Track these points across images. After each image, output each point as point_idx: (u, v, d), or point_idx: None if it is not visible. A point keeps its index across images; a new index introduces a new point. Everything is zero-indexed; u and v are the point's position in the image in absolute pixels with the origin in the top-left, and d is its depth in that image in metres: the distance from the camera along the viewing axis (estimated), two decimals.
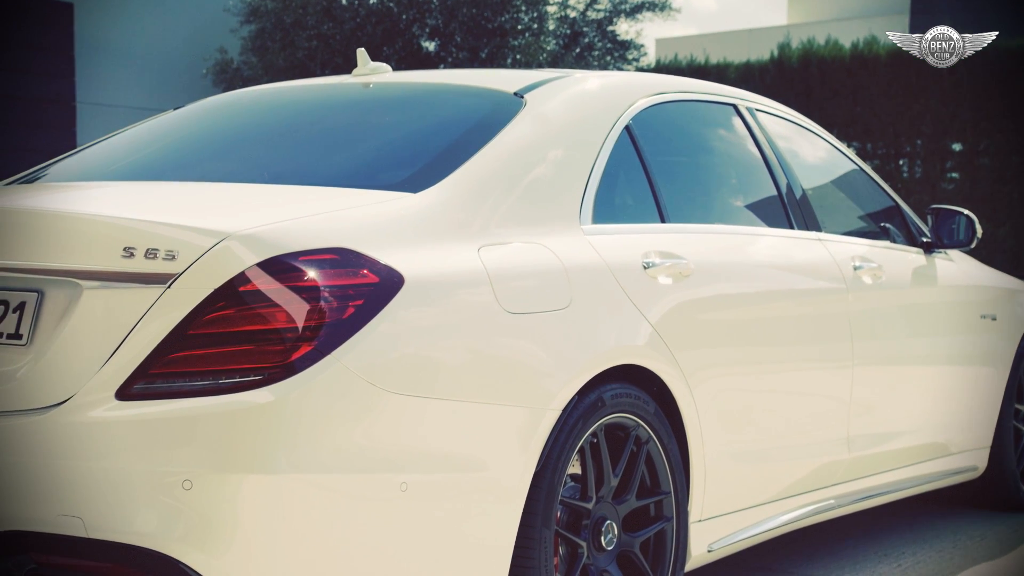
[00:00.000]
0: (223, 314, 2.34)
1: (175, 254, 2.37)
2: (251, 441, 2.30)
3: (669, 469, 3.05)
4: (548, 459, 2.69)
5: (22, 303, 2.50)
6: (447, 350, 2.55)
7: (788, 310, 3.61)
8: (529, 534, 2.65)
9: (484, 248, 2.71)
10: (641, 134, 3.34)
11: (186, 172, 3.18)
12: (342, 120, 3.38)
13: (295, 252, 2.39)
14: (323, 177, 2.95)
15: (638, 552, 2.99)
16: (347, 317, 2.39)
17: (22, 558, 2.36)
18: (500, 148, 2.95)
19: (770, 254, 3.68)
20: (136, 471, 2.30)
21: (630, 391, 2.92)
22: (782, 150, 3.95)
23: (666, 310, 3.08)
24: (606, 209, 3.13)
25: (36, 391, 2.41)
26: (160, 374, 2.35)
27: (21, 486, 2.37)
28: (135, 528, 2.29)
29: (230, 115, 3.59)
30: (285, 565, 2.33)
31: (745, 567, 3.89)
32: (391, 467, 2.42)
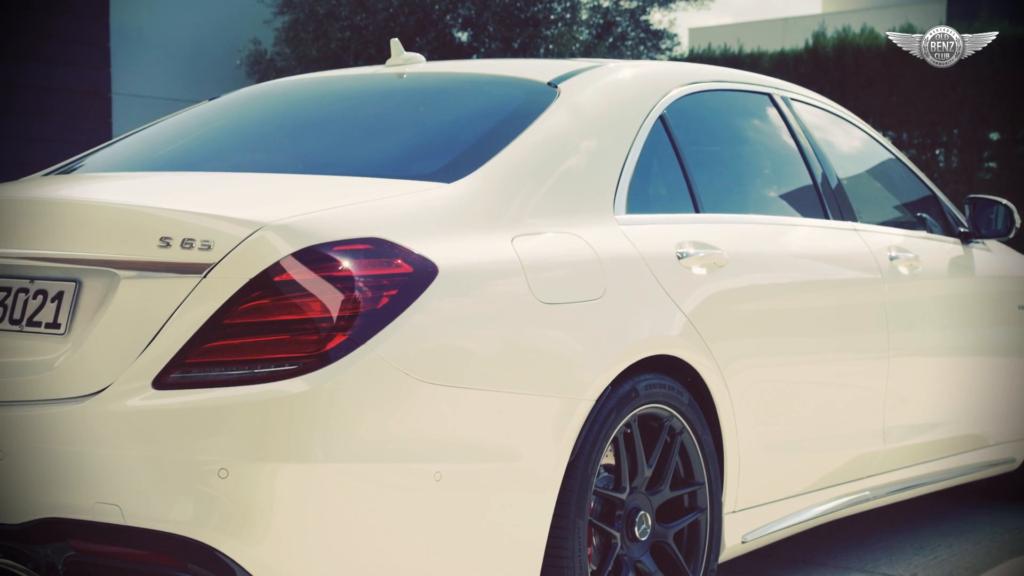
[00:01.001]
0: (258, 304, 2.35)
1: (211, 244, 2.38)
2: (286, 430, 2.31)
3: (703, 460, 3.04)
4: (582, 449, 2.68)
5: (60, 292, 2.52)
6: (481, 340, 2.55)
7: (823, 300, 3.59)
8: (563, 524, 2.65)
9: (518, 238, 2.71)
10: (675, 124, 3.33)
11: (221, 162, 3.20)
12: (376, 110, 3.39)
13: (330, 242, 2.40)
14: (357, 167, 2.96)
15: (672, 543, 2.98)
16: (381, 307, 2.40)
17: (61, 545, 2.38)
18: (534, 138, 2.94)
19: (805, 244, 3.66)
20: (173, 459, 2.32)
21: (664, 382, 2.92)
22: (817, 139, 3.92)
23: (700, 300, 3.07)
24: (640, 199, 3.12)
25: (74, 380, 2.44)
26: (196, 363, 2.36)
27: (60, 474, 2.39)
28: (172, 516, 2.31)
29: (265, 106, 3.61)
30: (320, 553, 2.34)
31: (779, 559, 3.87)
32: (425, 457, 2.43)
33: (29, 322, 2.54)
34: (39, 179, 3.33)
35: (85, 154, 3.51)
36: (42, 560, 2.40)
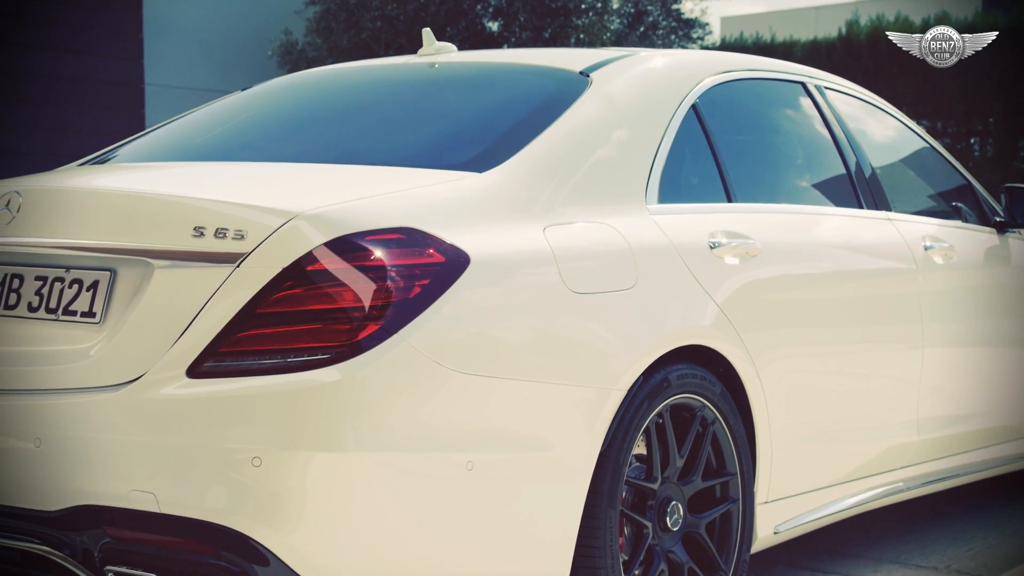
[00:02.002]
0: (291, 293, 2.36)
1: (244, 234, 2.39)
2: (319, 419, 2.32)
3: (735, 450, 3.03)
4: (613, 439, 2.68)
5: (95, 282, 2.54)
6: (513, 329, 2.55)
7: (857, 290, 3.56)
8: (594, 514, 2.65)
9: (550, 228, 2.70)
10: (708, 113, 3.31)
11: (254, 152, 3.21)
12: (408, 100, 3.39)
13: (362, 232, 2.41)
14: (389, 157, 2.96)
15: (704, 533, 2.97)
16: (413, 296, 2.40)
17: (97, 532, 2.40)
18: (566, 127, 2.93)
19: (838, 234, 3.64)
20: (207, 448, 2.34)
21: (696, 372, 2.91)
22: (851, 128, 3.89)
23: (733, 290, 3.06)
24: (672, 189, 3.10)
25: (109, 368, 2.45)
26: (229, 352, 2.37)
27: (95, 462, 2.41)
28: (206, 504, 2.32)
29: (297, 96, 3.62)
30: (353, 542, 2.35)
31: (812, 550, 3.86)
32: (457, 446, 2.43)
33: (65, 311, 2.56)
34: (74, 169, 3.35)
35: (119, 144, 3.54)
36: (78, 547, 2.42)
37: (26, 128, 11.85)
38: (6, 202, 2.65)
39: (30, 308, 2.60)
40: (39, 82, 11.96)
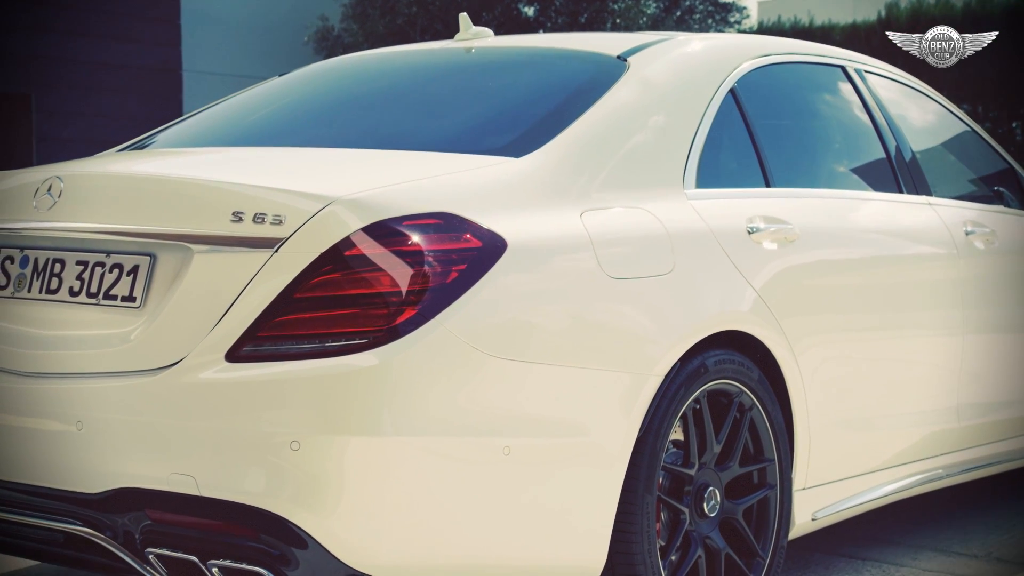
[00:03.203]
0: (329, 278, 2.37)
1: (282, 219, 2.40)
2: (356, 404, 2.33)
3: (773, 436, 3.01)
4: (650, 425, 2.67)
5: (136, 266, 2.56)
6: (549, 315, 2.55)
7: (896, 276, 3.53)
8: (631, 499, 2.64)
9: (587, 213, 2.70)
10: (746, 97, 3.29)
11: (292, 138, 3.22)
12: (445, 85, 3.39)
13: (399, 217, 2.41)
14: (426, 142, 2.96)
15: (741, 519, 2.97)
16: (450, 281, 2.41)
17: (138, 515, 2.43)
18: (603, 112, 2.92)
19: (878, 219, 3.61)
20: (245, 432, 2.35)
21: (733, 357, 2.89)
22: (891, 112, 3.85)
23: (771, 276, 3.04)
24: (710, 173, 3.09)
25: (149, 352, 2.48)
26: (268, 337, 2.39)
27: (136, 445, 2.43)
28: (245, 488, 2.34)
29: (334, 81, 3.62)
30: (390, 525, 2.36)
31: (850, 537, 3.84)
32: (494, 431, 2.44)
33: (105, 295, 2.58)
34: (114, 155, 3.38)
35: (158, 130, 3.56)
36: (120, 529, 2.45)
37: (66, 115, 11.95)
38: (48, 187, 2.67)
39: (71, 292, 2.63)
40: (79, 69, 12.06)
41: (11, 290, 2.72)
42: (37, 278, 2.68)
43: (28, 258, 2.71)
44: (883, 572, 3.54)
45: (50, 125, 11.89)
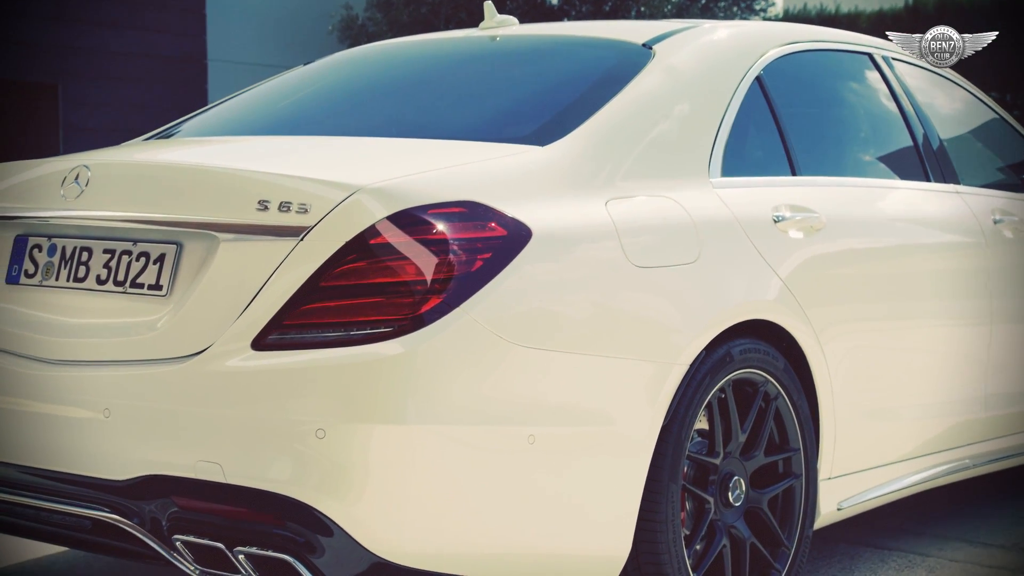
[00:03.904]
0: (354, 267, 2.37)
1: (308, 207, 2.40)
2: (382, 392, 2.34)
3: (798, 425, 3.00)
4: (675, 414, 2.67)
5: (162, 255, 2.57)
6: (574, 304, 2.55)
7: (923, 265, 3.51)
8: (656, 488, 2.64)
9: (612, 201, 2.69)
10: (772, 85, 3.27)
11: (317, 126, 3.22)
12: (470, 73, 3.38)
13: (424, 205, 2.41)
14: (451, 130, 2.96)
15: (766, 509, 2.96)
16: (475, 270, 2.41)
17: (165, 502, 2.44)
18: (628, 100, 2.91)
19: (905, 207, 3.58)
20: (271, 420, 2.36)
21: (759, 346, 2.88)
22: (919, 100, 3.83)
23: (797, 265, 3.03)
24: (736, 162, 3.07)
25: (175, 340, 2.49)
26: (294, 325, 2.39)
27: (163, 432, 2.45)
28: (271, 475, 2.35)
29: (359, 70, 3.62)
30: (415, 513, 2.37)
31: (876, 526, 3.82)
32: (519, 420, 2.44)
33: (132, 284, 2.60)
34: (140, 144, 3.39)
35: (184, 119, 3.57)
36: (147, 516, 2.46)
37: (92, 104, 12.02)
38: (75, 176, 2.68)
39: (99, 281, 2.64)
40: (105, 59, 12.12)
41: (39, 278, 2.73)
42: (65, 266, 2.70)
43: (56, 246, 2.73)
44: (909, 562, 3.53)
45: (76, 115, 11.96)
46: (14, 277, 2.78)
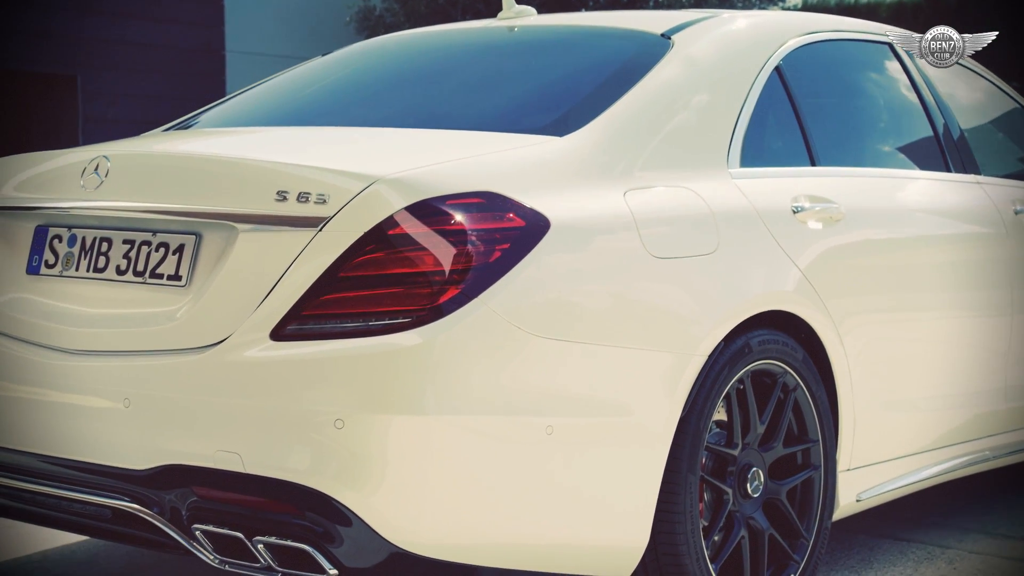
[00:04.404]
0: (372, 257, 2.38)
1: (326, 198, 2.41)
2: (400, 382, 2.34)
3: (817, 417, 2.99)
4: (694, 405, 2.67)
5: (181, 245, 2.58)
6: (593, 294, 2.54)
7: (944, 256, 3.49)
8: (674, 479, 2.64)
9: (630, 192, 2.69)
10: (792, 75, 3.26)
11: (335, 117, 3.23)
12: (488, 64, 3.38)
13: (443, 196, 2.41)
14: (469, 121, 2.96)
15: (784, 500, 2.95)
16: (494, 261, 2.41)
17: (184, 491, 2.45)
18: (647, 90, 2.91)
19: (925, 198, 3.57)
20: (290, 409, 2.37)
21: (778, 338, 2.87)
22: (939, 90, 3.80)
23: (816, 255, 3.01)
24: (755, 152, 3.06)
25: (195, 331, 2.49)
26: (312, 315, 2.40)
27: (183, 422, 2.46)
28: (290, 465, 2.35)
29: (377, 61, 3.63)
30: (433, 504, 2.37)
31: (895, 518, 3.81)
32: (537, 410, 2.44)
33: (152, 274, 2.61)
34: (159, 135, 3.40)
35: (202, 110, 3.58)
36: (167, 505, 2.47)
37: (112, 96, 12.06)
38: (95, 167, 2.69)
39: (118, 271, 2.65)
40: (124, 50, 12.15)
41: (59, 268, 2.75)
42: (84, 257, 2.71)
43: (76, 237, 2.74)
44: (928, 554, 3.52)
45: (96, 106, 12.00)
46: (35, 267, 2.80)
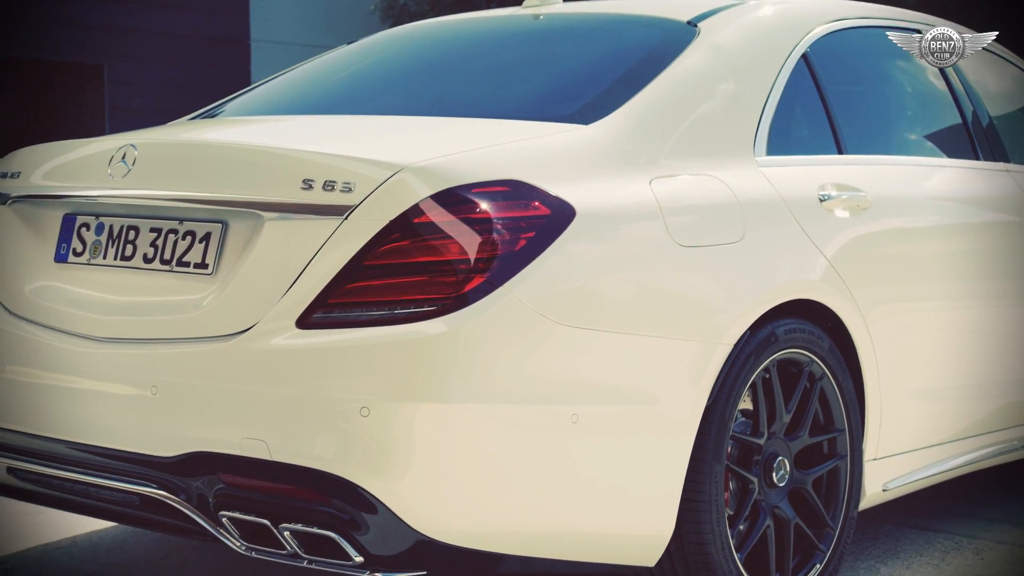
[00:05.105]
0: (398, 245, 2.38)
1: (352, 186, 2.41)
2: (425, 371, 2.34)
3: (843, 406, 2.98)
4: (719, 394, 2.66)
5: (208, 234, 2.59)
6: (618, 283, 2.54)
7: (972, 244, 3.47)
8: (699, 468, 2.63)
9: (656, 180, 2.68)
10: (819, 62, 3.24)
11: (361, 106, 3.23)
12: (513, 52, 3.37)
13: (468, 184, 2.41)
14: (495, 109, 2.96)
15: (810, 489, 2.94)
16: (519, 249, 2.40)
17: (211, 478, 2.46)
18: (673, 78, 2.89)
19: (953, 186, 3.54)
20: (316, 398, 2.37)
21: (804, 326, 2.86)
22: (968, 77, 3.77)
23: (843, 244, 3.00)
24: (781, 140, 3.05)
25: (221, 319, 2.50)
26: (338, 304, 2.40)
27: (209, 410, 2.47)
28: (316, 453, 2.36)
29: (402, 49, 3.62)
30: (458, 492, 2.37)
31: (922, 508, 3.79)
32: (562, 399, 2.44)
33: (179, 262, 2.62)
34: (185, 123, 3.41)
35: (228, 99, 3.59)
36: (193, 492, 2.49)
37: (137, 85, 12.11)
38: (122, 155, 2.71)
39: (145, 259, 2.67)
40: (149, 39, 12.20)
41: (87, 257, 2.76)
42: (112, 245, 2.72)
43: (103, 225, 2.75)
44: (955, 544, 3.50)
45: (121, 95, 12.05)
46: (62, 256, 2.81)
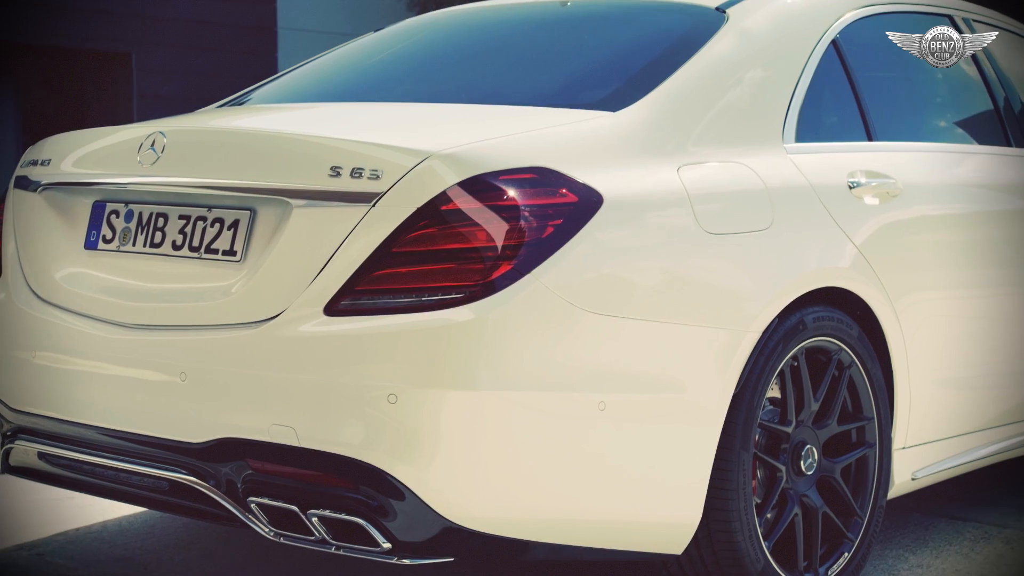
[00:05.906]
0: (425, 232, 2.38)
1: (379, 173, 2.41)
2: (453, 358, 2.35)
3: (872, 394, 2.96)
4: (747, 381, 2.65)
5: (236, 221, 2.60)
6: (645, 271, 2.53)
7: (1002, 232, 3.44)
8: (727, 456, 2.63)
9: (684, 167, 2.67)
10: (848, 49, 3.21)
11: (388, 93, 3.23)
12: (540, 39, 3.36)
13: (495, 171, 2.41)
14: (522, 96, 2.95)
15: (839, 478, 2.93)
16: (546, 236, 2.40)
17: (240, 464, 2.48)
18: (701, 65, 2.88)
19: (984, 173, 3.51)
20: (344, 384, 2.38)
21: (833, 314, 2.85)
22: (1000, 63, 3.74)
23: (872, 231, 2.98)
24: (810, 127, 3.03)
25: (249, 305, 2.51)
26: (366, 291, 2.41)
27: (238, 396, 2.48)
28: (344, 439, 2.37)
29: (429, 36, 3.62)
30: (485, 479, 2.38)
31: (950, 497, 3.77)
32: (589, 386, 2.43)
33: (207, 249, 2.63)
34: (213, 111, 3.42)
35: (255, 86, 3.60)
36: (222, 478, 2.50)
37: (165, 73, 12.15)
38: (151, 142, 2.72)
39: (174, 246, 2.68)
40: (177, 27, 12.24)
41: (116, 243, 2.78)
42: (141, 232, 2.74)
43: (132, 212, 2.77)
44: (984, 533, 3.48)
45: (150, 83, 12.10)
46: (92, 243, 2.83)
